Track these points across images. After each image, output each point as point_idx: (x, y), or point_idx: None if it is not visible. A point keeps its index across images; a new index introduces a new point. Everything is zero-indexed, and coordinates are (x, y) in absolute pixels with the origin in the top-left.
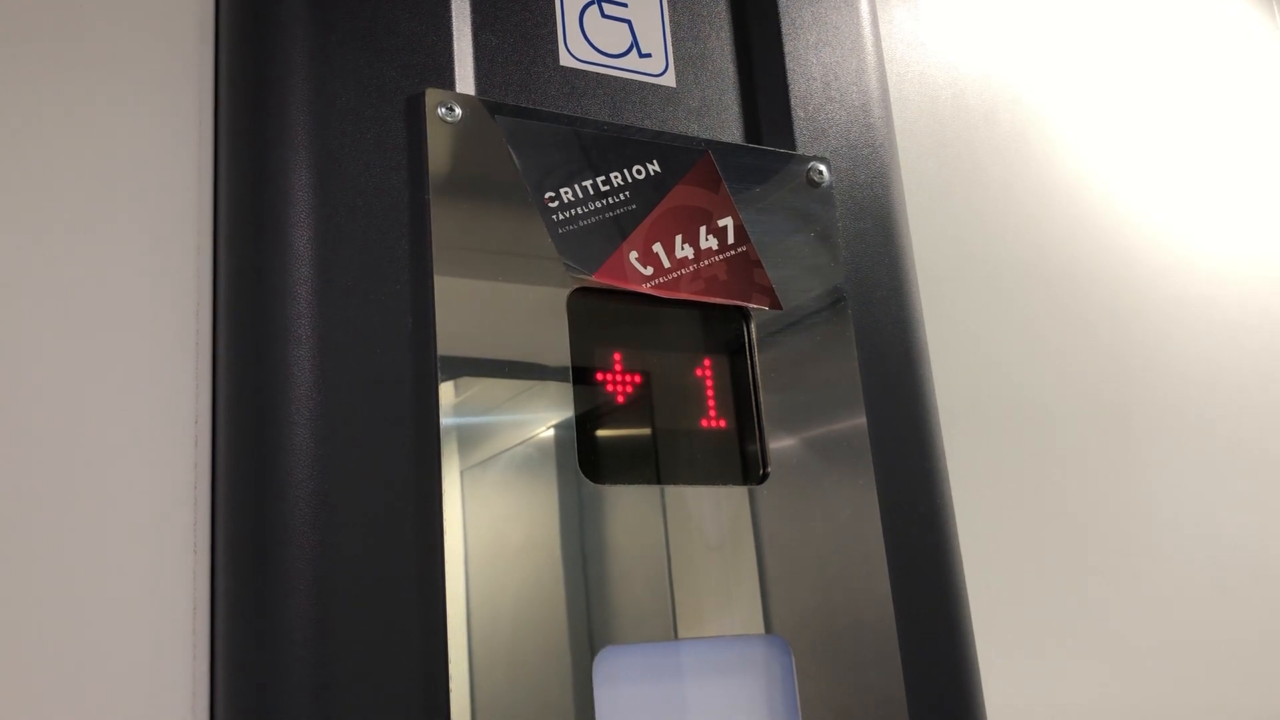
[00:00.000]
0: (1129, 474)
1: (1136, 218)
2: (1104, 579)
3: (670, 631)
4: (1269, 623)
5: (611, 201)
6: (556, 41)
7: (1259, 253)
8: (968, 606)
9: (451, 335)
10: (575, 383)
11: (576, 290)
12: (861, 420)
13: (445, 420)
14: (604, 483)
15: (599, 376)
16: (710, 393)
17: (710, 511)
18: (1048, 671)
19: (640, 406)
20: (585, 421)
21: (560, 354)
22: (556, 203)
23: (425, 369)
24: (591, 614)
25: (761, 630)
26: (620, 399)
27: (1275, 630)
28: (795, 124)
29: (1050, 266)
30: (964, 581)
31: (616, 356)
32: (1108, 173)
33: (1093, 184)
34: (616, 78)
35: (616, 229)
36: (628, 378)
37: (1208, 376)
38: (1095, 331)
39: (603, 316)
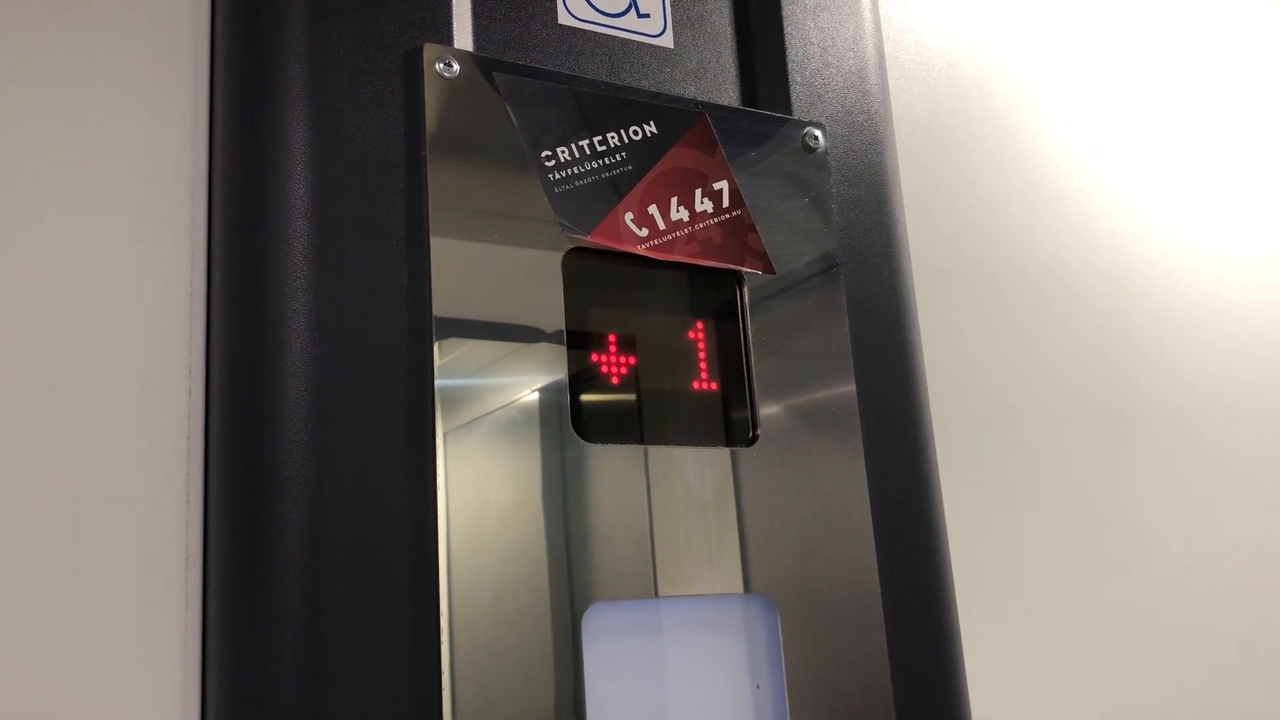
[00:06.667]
0: (1118, 473)
1: (1129, 199)
2: (1094, 582)
3: (676, 589)
4: (1260, 626)
5: (608, 162)
6: None
7: (1256, 237)
8: (951, 573)
9: (447, 296)
10: (569, 345)
11: (571, 251)
12: (851, 385)
13: (439, 380)
14: (597, 443)
15: (592, 338)
16: (702, 356)
17: (703, 473)
18: (1037, 675)
19: (632, 368)
20: (579, 383)
21: (554, 315)
22: (553, 161)
23: (420, 326)
24: (592, 569)
25: (751, 590)
26: (612, 360)
27: (1267, 634)
28: (792, 88)
29: (1040, 250)
30: (948, 549)
31: (610, 317)
32: (1100, 155)
33: (1085, 166)
34: (615, 37)
35: (612, 190)
36: (620, 339)
37: (1207, 370)
38: (1086, 311)
39: (597, 277)
